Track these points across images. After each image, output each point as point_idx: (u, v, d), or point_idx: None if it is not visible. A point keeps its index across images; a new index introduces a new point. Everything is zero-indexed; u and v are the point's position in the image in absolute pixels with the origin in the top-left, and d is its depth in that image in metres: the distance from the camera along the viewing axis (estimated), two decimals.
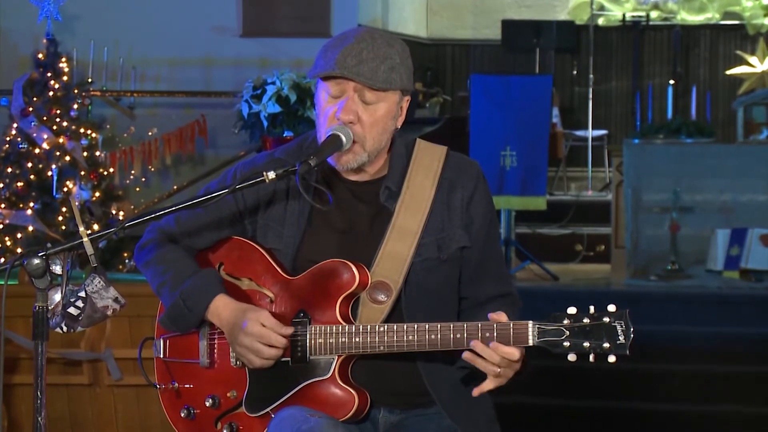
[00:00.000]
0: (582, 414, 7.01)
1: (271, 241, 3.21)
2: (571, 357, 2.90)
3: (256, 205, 3.23)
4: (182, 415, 3.25)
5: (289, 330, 3.09)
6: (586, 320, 2.90)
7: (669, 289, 8.70)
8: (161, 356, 3.29)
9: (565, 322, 2.91)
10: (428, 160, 3.24)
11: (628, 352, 2.87)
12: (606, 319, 2.89)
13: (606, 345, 2.88)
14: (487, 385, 3.04)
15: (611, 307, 2.90)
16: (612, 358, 2.88)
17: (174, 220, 3.25)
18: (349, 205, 3.20)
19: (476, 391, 3.06)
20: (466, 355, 3.00)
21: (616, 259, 9.75)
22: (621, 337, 2.87)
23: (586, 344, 2.89)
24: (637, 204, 9.35)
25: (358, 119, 3.08)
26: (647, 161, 9.46)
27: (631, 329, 2.87)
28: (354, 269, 3.09)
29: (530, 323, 2.94)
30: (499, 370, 2.99)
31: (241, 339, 3.09)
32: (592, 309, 2.91)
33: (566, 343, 2.90)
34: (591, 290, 9.01)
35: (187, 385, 3.25)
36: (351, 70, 3.04)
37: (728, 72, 12.73)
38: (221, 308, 3.15)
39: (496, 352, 2.96)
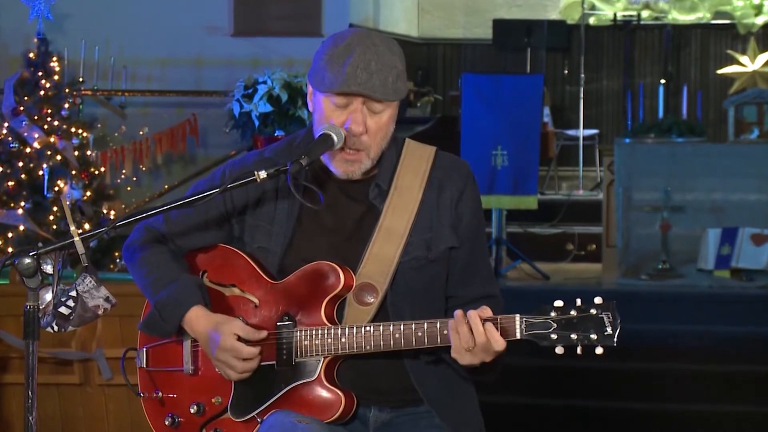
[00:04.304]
0: (572, 413, 7.02)
1: (259, 240, 3.20)
2: (559, 350, 2.89)
3: (244, 205, 3.22)
4: (166, 423, 3.24)
5: (264, 333, 3.09)
6: (573, 312, 2.89)
7: (660, 288, 8.71)
8: (144, 366, 3.29)
9: (552, 314, 2.90)
10: (417, 160, 3.23)
11: (615, 343, 2.86)
12: (593, 311, 2.88)
13: (593, 336, 2.87)
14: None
15: (598, 299, 2.90)
16: (599, 350, 2.87)
17: (163, 219, 3.24)
18: (339, 203, 3.20)
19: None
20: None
21: (607, 258, 9.76)
22: (608, 329, 2.87)
23: (574, 336, 2.88)
24: (628, 203, 9.37)
25: (366, 129, 3.09)
26: (638, 160, 9.47)
27: (618, 320, 2.87)
28: (339, 271, 3.08)
29: (517, 316, 2.93)
30: (473, 347, 2.96)
31: (216, 354, 3.10)
32: (578, 302, 2.91)
33: (554, 336, 2.89)
34: (582, 289, 9.01)
35: (171, 394, 3.25)
36: (364, 86, 3.04)
37: (719, 71, 12.74)
38: (194, 321, 3.14)
39: (486, 332, 2.93)
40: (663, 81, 12.42)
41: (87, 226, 8.73)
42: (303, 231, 3.19)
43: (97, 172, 9.62)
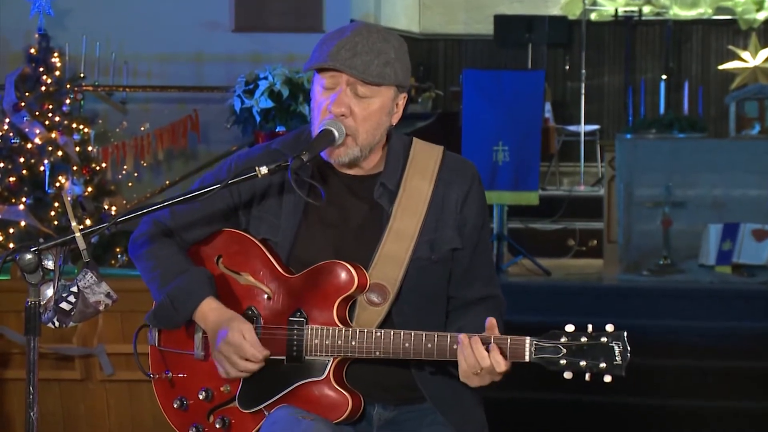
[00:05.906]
0: (574, 409, 7.02)
1: (264, 232, 3.19)
2: (567, 375, 2.88)
3: (251, 197, 3.22)
4: (175, 405, 3.24)
5: (266, 353, 3.08)
6: (583, 339, 2.88)
7: (661, 284, 8.71)
8: (155, 344, 3.28)
9: (563, 340, 2.89)
10: (425, 160, 3.22)
11: (624, 373, 2.85)
12: (603, 339, 2.87)
13: (603, 365, 2.86)
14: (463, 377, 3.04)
15: (609, 327, 2.88)
16: (608, 378, 2.87)
17: (169, 213, 3.23)
18: (343, 199, 3.19)
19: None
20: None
21: (609, 254, 9.75)
22: (618, 358, 2.86)
23: (583, 363, 2.87)
24: (629, 199, 9.36)
25: (350, 112, 3.07)
26: (639, 156, 9.46)
27: (628, 351, 2.85)
28: (353, 271, 3.07)
29: (528, 339, 2.92)
30: (479, 371, 2.97)
31: (220, 346, 3.10)
32: (590, 328, 2.89)
33: (563, 362, 2.88)
34: (583, 285, 9.02)
35: (181, 375, 3.25)
36: (344, 63, 3.03)
37: (720, 67, 12.74)
38: (207, 312, 3.14)
39: (490, 356, 2.94)
40: (664, 77, 12.42)
41: (88, 222, 8.74)
42: (309, 225, 3.18)
43: (98, 168, 9.62)
